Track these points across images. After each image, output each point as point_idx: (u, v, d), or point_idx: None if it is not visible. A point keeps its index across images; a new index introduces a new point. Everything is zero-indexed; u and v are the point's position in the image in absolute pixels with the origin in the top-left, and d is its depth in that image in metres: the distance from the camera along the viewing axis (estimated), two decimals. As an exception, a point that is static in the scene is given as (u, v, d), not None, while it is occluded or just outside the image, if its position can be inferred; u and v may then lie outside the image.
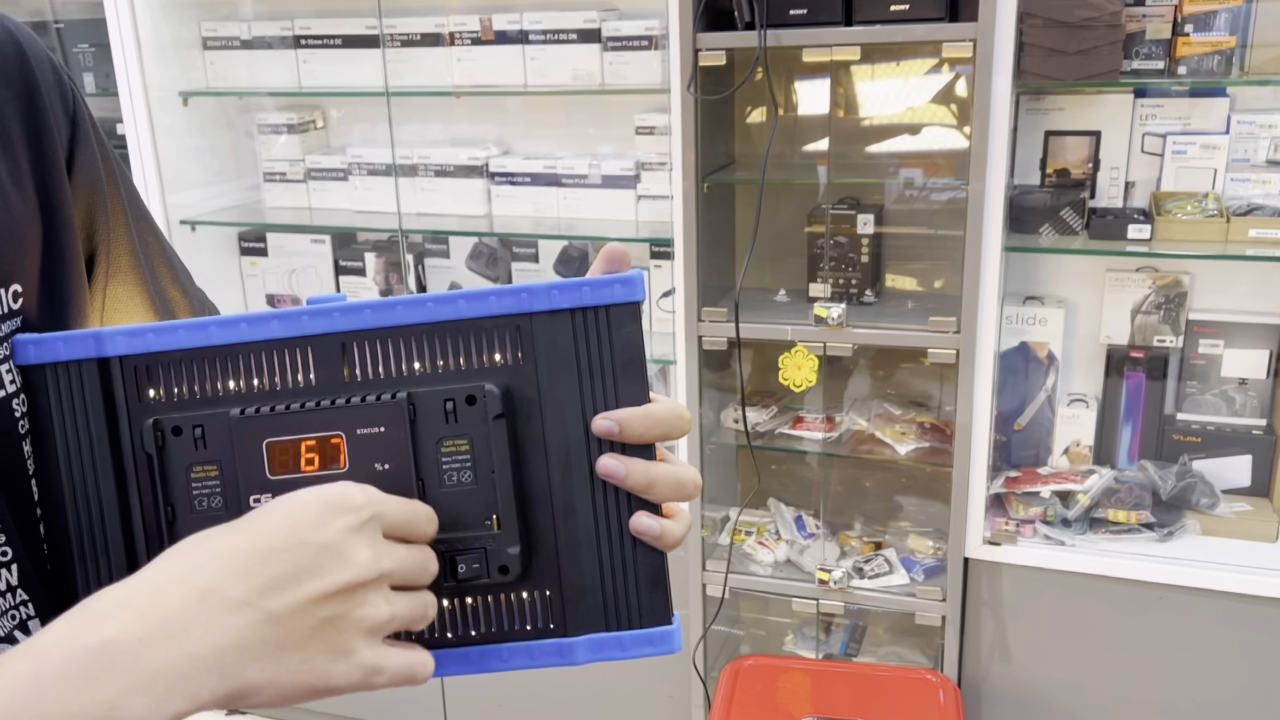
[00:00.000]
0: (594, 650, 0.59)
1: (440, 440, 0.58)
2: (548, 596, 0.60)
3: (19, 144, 0.61)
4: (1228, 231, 1.95)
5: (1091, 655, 2.08)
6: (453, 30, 2.30)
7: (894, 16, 1.85)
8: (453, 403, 0.57)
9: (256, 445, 0.57)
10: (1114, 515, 2.06)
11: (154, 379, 0.59)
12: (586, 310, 0.58)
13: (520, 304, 0.58)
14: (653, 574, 0.59)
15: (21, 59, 0.62)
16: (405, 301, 0.58)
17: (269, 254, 2.62)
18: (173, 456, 0.58)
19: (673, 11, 1.93)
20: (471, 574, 0.58)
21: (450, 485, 0.58)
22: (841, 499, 2.36)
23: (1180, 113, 2.05)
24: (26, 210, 0.60)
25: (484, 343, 0.58)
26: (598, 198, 2.32)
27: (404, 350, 0.58)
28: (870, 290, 2.12)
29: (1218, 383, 2.10)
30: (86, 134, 0.66)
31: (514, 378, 0.58)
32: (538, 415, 0.59)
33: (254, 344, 0.59)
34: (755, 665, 2.12)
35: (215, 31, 2.49)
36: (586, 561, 0.59)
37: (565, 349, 0.58)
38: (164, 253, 0.75)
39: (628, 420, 0.58)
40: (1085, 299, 2.17)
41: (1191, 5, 1.92)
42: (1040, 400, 2.18)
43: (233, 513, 0.57)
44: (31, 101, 0.62)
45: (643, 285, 0.59)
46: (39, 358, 0.59)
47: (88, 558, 0.60)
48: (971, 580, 2.11)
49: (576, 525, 0.59)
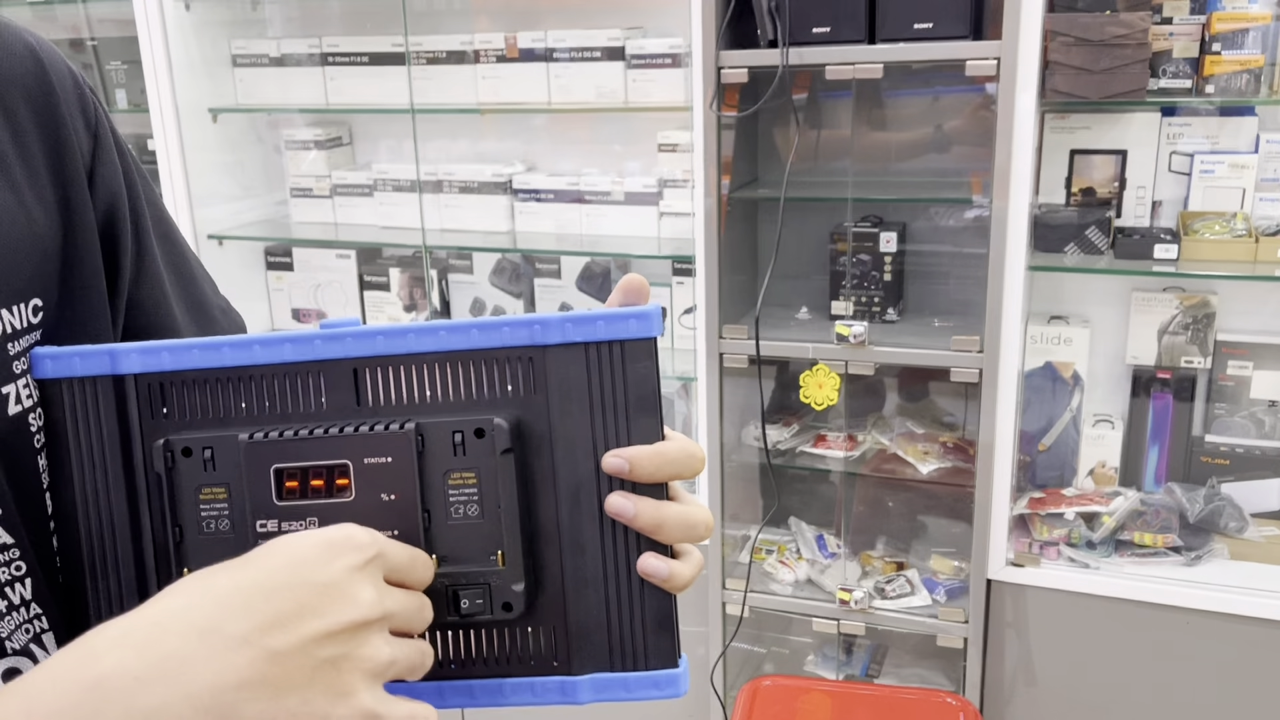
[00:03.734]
0: (597, 690, 0.59)
1: (448, 472, 0.57)
2: (553, 633, 0.59)
3: (40, 158, 0.61)
4: (1256, 252, 1.93)
5: (1116, 680, 2.05)
6: (478, 48, 2.32)
7: (917, 34, 1.84)
8: (461, 435, 0.57)
9: (264, 470, 0.57)
10: (1140, 538, 2.03)
11: (167, 398, 0.59)
12: (600, 344, 0.57)
13: (533, 336, 0.57)
14: (660, 615, 0.58)
15: (41, 73, 0.63)
16: (418, 329, 0.58)
17: (295, 269, 2.64)
18: (182, 477, 0.58)
19: (696, 30, 1.94)
20: (475, 609, 0.57)
21: (456, 518, 0.57)
22: (863, 518, 2.34)
23: (1208, 132, 2.02)
24: (48, 224, 0.61)
25: (496, 373, 0.58)
26: (621, 214, 2.33)
27: (416, 378, 0.58)
28: (893, 308, 2.11)
29: (1247, 405, 2.07)
30: (108, 148, 0.66)
31: (526, 410, 0.58)
32: (548, 449, 0.58)
33: (266, 367, 0.59)
34: (774, 686, 2.10)
35: (245, 49, 2.52)
36: (593, 600, 0.58)
37: (578, 383, 0.57)
38: (188, 263, 0.75)
39: (639, 458, 0.57)
40: (1111, 319, 2.15)
41: (1220, 23, 1.91)
42: (1065, 420, 2.15)
43: (240, 536, 0.58)
44: (52, 116, 0.62)
45: (659, 320, 0.58)
46: (55, 372, 0.59)
47: (98, 573, 0.60)
48: (994, 602, 2.08)
49: (584, 563, 0.58)
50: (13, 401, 0.58)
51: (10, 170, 0.60)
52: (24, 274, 0.59)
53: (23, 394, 0.59)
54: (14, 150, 0.60)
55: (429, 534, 0.57)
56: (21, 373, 0.59)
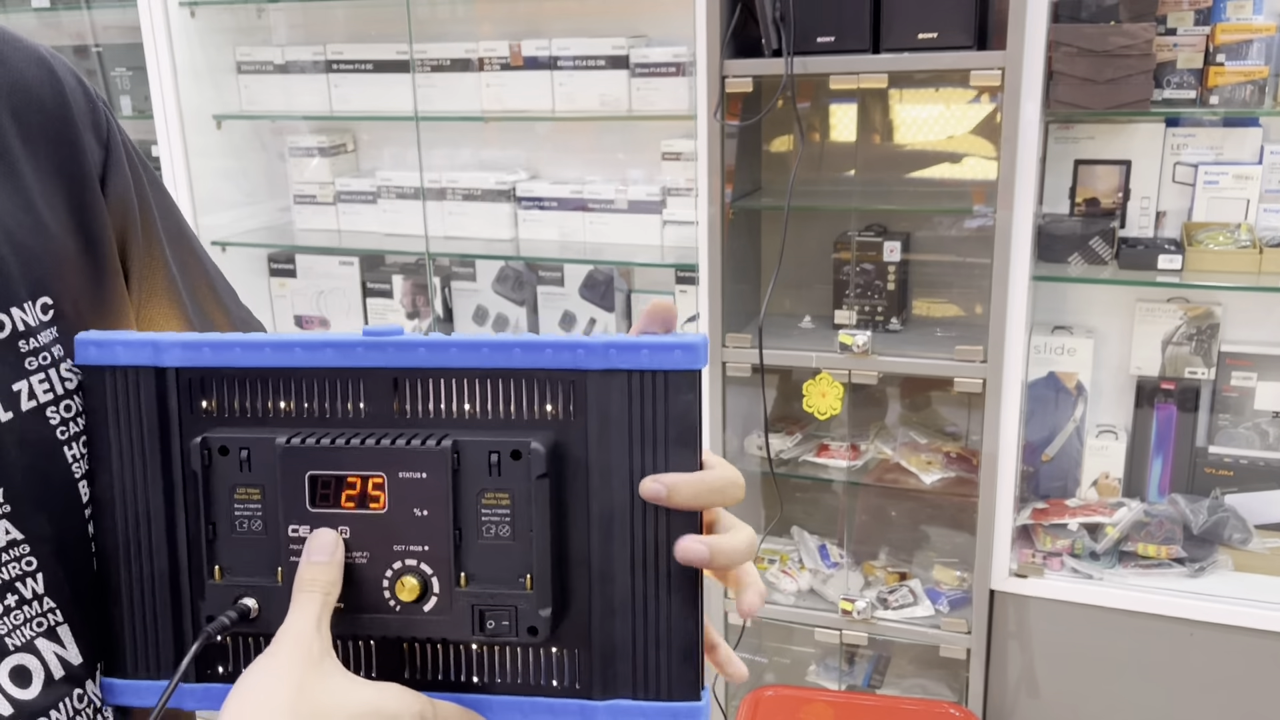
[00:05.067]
0: (616, 717, 0.58)
1: (481, 492, 0.57)
2: (576, 657, 0.59)
3: (51, 171, 0.62)
4: (1260, 263, 1.93)
5: (1119, 692, 2.04)
6: (482, 56, 2.32)
7: (922, 44, 1.84)
8: (497, 455, 0.56)
9: (299, 476, 0.57)
10: (1144, 549, 2.03)
11: (207, 393, 0.60)
12: (644, 374, 0.56)
13: (576, 360, 0.57)
14: (686, 648, 0.58)
15: (55, 85, 0.64)
16: (460, 344, 0.57)
17: (298, 275, 2.64)
18: (218, 475, 0.59)
19: (700, 39, 1.94)
20: (500, 631, 0.57)
21: (487, 538, 0.57)
22: (866, 528, 2.33)
23: (1212, 142, 2.03)
24: (61, 233, 0.62)
25: (536, 394, 0.57)
26: (624, 222, 2.33)
27: (455, 393, 0.58)
28: (896, 318, 2.11)
29: (1251, 416, 2.07)
30: (119, 159, 0.67)
31: (564, 433, 0.57)
32: (584, 475, 0.57)
33: (307, 370, 0.59)
34: (776, 696, 2.09)
35: (249, 56, 2.53)
36: (619, 628, 0.58)
37: (618, 411, 0.57)
38: (206, 274, 0.76)
39: (677, 485, 0.56)
40: (1115, 329, 2.15)
41: (1224, 35, 1.91)
42: (1069, 431, 2.15)
43: (271, 538, 0.58)
44: (65, 127, 0.63)
45: (705, 353, 0.57)
46: (99, 359, 0.60)
47: (131, 561, 0.60)
48: (997, 613, 2.08)
49: (613, 591, 0.58)
50: (26, 397, 0.59)
51: (21, 178, 0.61)
52: (33, 275, 0.59)
53: (38, 389, 0.59)
54: (26, 159, 0.61)
55: (459, 552, 0.57)
56: (37, 368, 0.59)
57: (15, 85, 0.62)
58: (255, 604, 0.58)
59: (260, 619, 0.58)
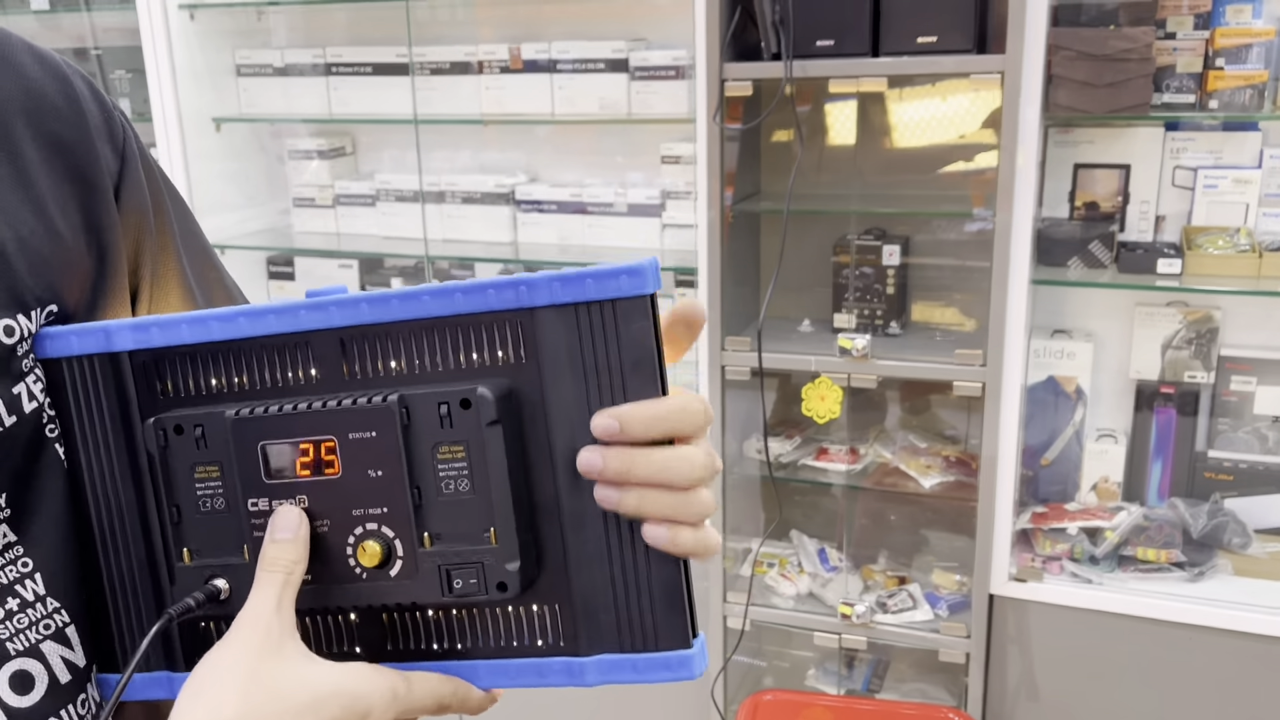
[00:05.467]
0: (605, 672, 0.56)
1: (436, 446, 0.54)
2: (558, 612, 0.56)
3: (65, 178, 0.62)
4: (1260, 267, 1.92)
5: (1119, 696, 2.04)
6: (482, 59, 2.32)
7: (921, 48, 1.84)
8: (447, 406, 0.54)
9: (252, 447, 0.56)
10: (1143, 553, 2.03)
11: (162, 375, 0.59)
12: (591, 305, 0.53)
13: (520, 298, 0.54)
14: (670, 593, 0.55)
15: (70, 94, 0.64)
16: (400, 295, 0.56)
17: (297, 279, 2.64)
18: (176, 456, 0.58)
19: (700, 42, 1.94)
20: (468, 590, 0.55)
21: (447, 494, 0.55)
22: (865, 532, 2.33)
23: (1212, 146, 2.02)
24: (74, 243, 0.62)
25: (485, 339, 0.55)
26: (623, 226, 2.33)
27: (404, 347, 0.56)
28: (895, 322, 2.11)
29: (1250, 420, 2.07)
30: (135, 169, 0.67)
31: (517, 377, 0.55)
32: (542, 418, 0.55)
33: (254, 340, 0.57)
34: (775, 700, 2.09)
35: (249, 59, 2.53)
36: (598, 577, 0.55)
37: (570, 347, 0.54)
38: (223, 285, 0.76)
39: (630, 416, 0.53)
40: (1114, 333, 2.15)
41: (1224, 39, 1.91)
42: (1068, 435, 2.15)
43: (234, 515, 0.57)
44: (79, 137, 0.63)
45: (655, 275, 0.53)
46: (54, 351, 0.59)
47: (109, 552, 0.60)
48: (997, 617, 2.07)
49: (586, 538, 0.55)
50: (26, 399, 0.59)
51: (35, 184, 0.60)
52: (42, 281, 0.59)
53: (35, 390, 0.60)
54: (40, 164, 0.61)
55: (420, 511, 0.55)
56: (29, 369, 0.60)
57: (30, 92, 0.62)
58: (226, 584, 0.57)
59: (232, 599, 0.57)
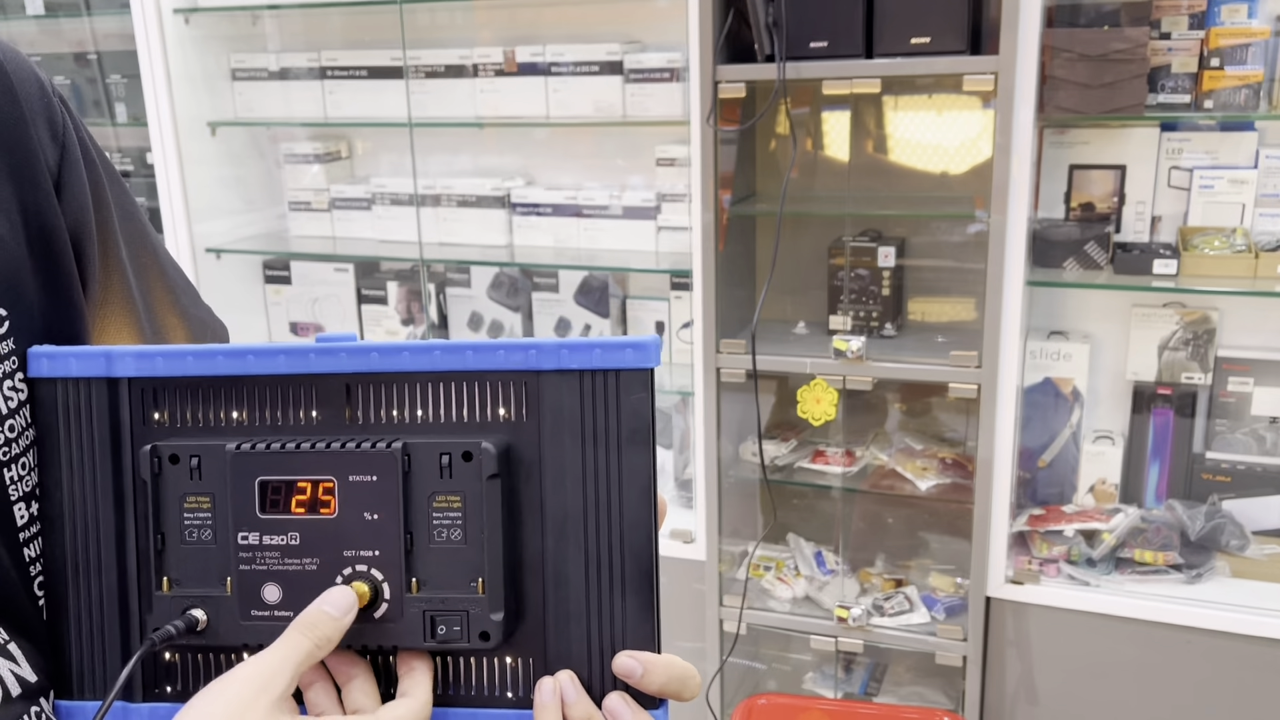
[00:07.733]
0: None
1: (433, 495, 0.56)
2: (530, 666, 0.58)
3: (3, 176, 0.60)
4: (1256, 267, 1.92)
5: (1116, 699, 2.03)
6: (477, 62, 2.32)
7: (915, 49, 1.84)
8: (449, 457, 0.56)
9: (249, 482, 0.57)
10: (1140, 555, 2.02)
11: (160, 403, 0.59)
12: (596, 373, 0.56)
13: (528, 361, 0.56)
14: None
15: (5, 83, 0.61)
16: (412, 348, 0.57)
17: (292, 282, 2.64)
18: (168, 485, 0.58)
19: (694, 44, 1.93)
20: (451, 637, 0.56)
21: (439, 542, 0.56)
22: (862, 535, 2.32)
23: (1208, 147, 2.02)
24: (13, 236, 0.60)
25: (489, 396, 0.57)
26: (619, 228, 2.32)
27: (408, 397, 0.57)
28: (891, 323, 2.10)
29: (1248, 421, 2.06)
30: (74, 159, 0.64)
31: (516, 435, 0.57)
32: (537, 477, 0.57)
33: (259, 377, 0.58)
34: (770, 704, 2.08)
35: (244, 63, 2.52)
36: (575, 634, 0.57)
37: (571, 411, 0.56)
38: (163, 276, 0.73)
39: (652, 667, 0.57)
40: (1111, 334, 2.14)
41: (1219, 39, 1.90)
42: (1065, 437, 2.14)
43: (221, 548, 0.57)
44: (16, 129, 0.61)
45: (657, 352, 0.56)
46: (50, 371, 0.59)
47: (80, 577, 0.59)
48: (994, 620, 2.06)
49: (567, 595, 0.57)
50: None
51: None
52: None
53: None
54: None
55: (410, 556, 0.56)
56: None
57: None
58: (204, 615, 0.58)
59: (209, 630, 0.58)
